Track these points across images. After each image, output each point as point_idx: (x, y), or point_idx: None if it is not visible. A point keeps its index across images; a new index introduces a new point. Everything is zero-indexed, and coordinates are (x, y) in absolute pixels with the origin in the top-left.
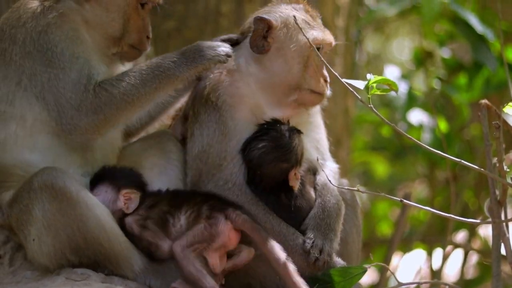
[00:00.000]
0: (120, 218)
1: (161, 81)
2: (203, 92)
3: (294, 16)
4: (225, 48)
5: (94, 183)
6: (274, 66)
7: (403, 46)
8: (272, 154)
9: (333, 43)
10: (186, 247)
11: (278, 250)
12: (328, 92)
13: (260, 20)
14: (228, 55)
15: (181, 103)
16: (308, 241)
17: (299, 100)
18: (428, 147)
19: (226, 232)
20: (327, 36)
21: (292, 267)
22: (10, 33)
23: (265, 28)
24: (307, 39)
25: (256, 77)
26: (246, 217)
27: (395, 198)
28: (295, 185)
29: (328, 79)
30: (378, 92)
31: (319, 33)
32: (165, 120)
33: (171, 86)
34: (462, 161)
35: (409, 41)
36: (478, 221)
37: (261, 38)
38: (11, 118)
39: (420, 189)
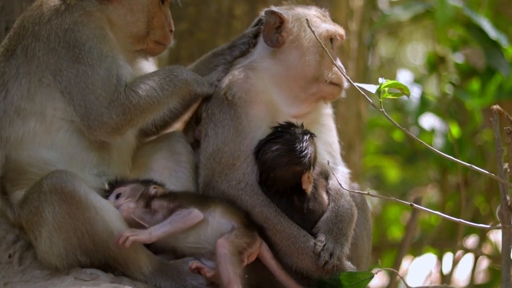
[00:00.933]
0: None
1: (176, 85)
2: (219, 93)
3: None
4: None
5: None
6: (289, 59)
7: (417, 51)
8: (285, 157)
9: (344, 36)
10: (233, 243)
11: (289, 279)
12: (345, 83)
13: (271, 13)
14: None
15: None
16: (319, 244)
17: (318, 93)
18: (440, 152)
19: (257, 245)
20: (338, 29)
21: None
22: (34, 30)
23: (277, 22)
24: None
25: (271, 72)
26: (267, 247)
27: (405, 202)
28: (308, 188)
29: (344, 71)
30: (390, 96)
31: (330, 26)
32: (177, 125)
33: (185, 90)
34: (473, 166)
35: (423, 46)
36: (487, 226)
37: (274, 31)
38: (30, 114)
39: (432, 194)
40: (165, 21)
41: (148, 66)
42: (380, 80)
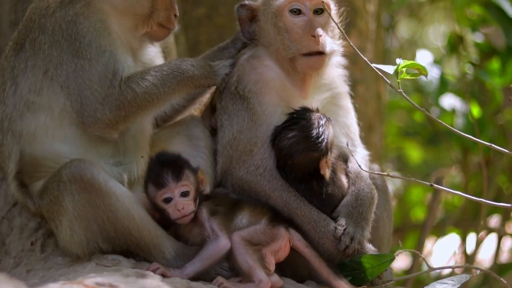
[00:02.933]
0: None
1: (179, 82)
2: (230, 87)
3: None
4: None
5: (172, 169)
6: (267, 39)
7: (438, 32)
8: (302, 144)
9: None
10: (245, 239)
11: (326, 267)
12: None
13: (241, 7)
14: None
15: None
16: (339, 228)
17: (299, 67)
18: (460, 132)
19: (284, 239)
20: None
21: (342, 283)
22: (40, 22)
23: (248, 14)
24: None
25: (266, 54)
26: (300, 236)
27: (425, 182)
28: (326, 173)
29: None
30: (408, 77)
31: None
32: (193, 110)
33: (189, 88)
34: (493, 145)
35: (445, 27)
36: (510, 205)
37: (249, 24)
38: (39, 109)
39: (454, 174)
40: (170, 4)
41: (155, 53)
42: (398, 60)
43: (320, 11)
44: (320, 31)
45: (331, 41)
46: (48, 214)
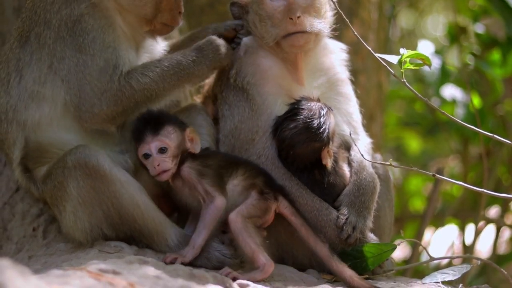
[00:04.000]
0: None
1: (180, 78)
2: (230, 79)
3: None
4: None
5: (152, 126)
6: (254, 29)
7: (437, 22)
8: (304, 134)
9: None
10: (245, 217)
11: (314, 234)
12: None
13: (232, 5)
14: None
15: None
16: (341, 217)
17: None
18: (462, 122)
19: (272, 211)
20: None
21: (327, 250)
22: (45, 17)
23: (240, 11)
24: None
25: (259, 45)
26: (287, 203)
27: (427, 172)
28: (328, 163)
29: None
30: (411, 67)
31: None
32: (196, 98)
33: (189, 83)
34: (495, 135)
35: (443, 17)
36: (510, 196)
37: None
38: (43, 100)
39: (453, 165)
40: (174, 3)
41: (159, 46)
42: (402, 50)
43: None
44: (299, 13)
45: (314, 21)
46: (51, 200)
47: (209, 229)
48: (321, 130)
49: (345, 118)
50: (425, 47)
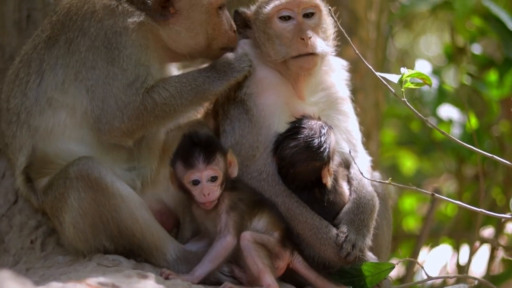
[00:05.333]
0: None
1: (196, 94)
2: (230, 92)
3: None
4: (247, 57)
5: (205, 152)
6: (259, 45)
7: (430, 43)
8: (304, 153)
9: None
10: (257, 242)
11: (329, 282)
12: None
13: (236, 14)
14: (250, 65)
15: None
16: (341, 235)
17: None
18: (462, 142)
19: (285, 262)
20: None
21: None
22: (82, 25)
23: (242, 22)
24: None
25: (261, 58)
26: (301, 259)
27: (426, 192)
28: (328, 181)
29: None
30: (412, 86)
31: None
32: (197, 113)
33: (205, 100)
34: (494, 156)
35: (437, 38)
36: (508, 216)
37: (243, 30)
38: (61, 107)
39: (446, 184)
40: (226, 25)
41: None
42: (402, 70)
43: (310, 14)
44: (310, 33)
45: (322, 42)
46: (51, 211)
47: (214, 265)
48: (321, 149)
49: (345, 136)
50: (423, 67)
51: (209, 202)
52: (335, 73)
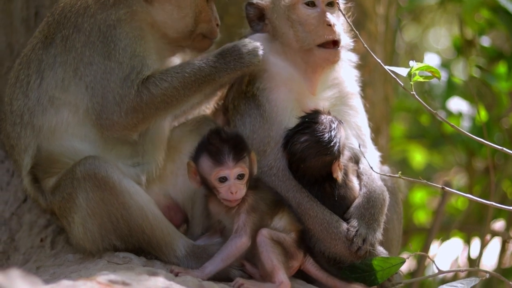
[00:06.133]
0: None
1: (201, 84)
2: (242, 86)
3: None
4: (259, 50)
5: (234, 150)
6: (280, 34)
7: (439, 35)
8: (314, 148)
9: None
10: (273, 239)
11: (341, 281)
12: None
13: (249, 5)
14: (260, 59)
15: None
16: (352, 229)
17: (312, 58)
18: (471, 135)
19: (298, 263)
20: None
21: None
22: (76, 21)
23: (256, 13)
24: None
25: (275, 49)
26: (313, 260)
27: (436, 185)
28: (339, 176)
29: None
30: (421, 79)
31: None
32: (206, 109)
33: (209, 89)
34: (504, 148)
35: (446, 31)
36: None
37: (256, 22)
38: (64, 105)
39: (456, 177)
40: (212, 15)
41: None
42: (411, 63)
43: (331, 4)
44: (335, 20)
45: (344, 33)
46: (60, 211)
47: (225, 263)
48: (332, 144)
49: (354, 131)
50: (432, 60)
51: (234, 200)
52: (346, 68)
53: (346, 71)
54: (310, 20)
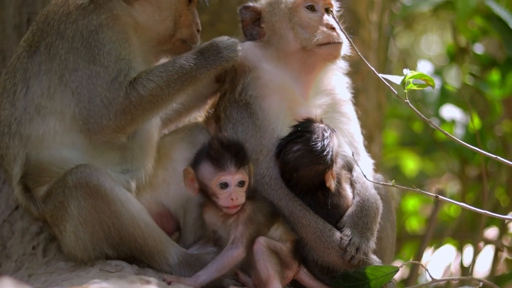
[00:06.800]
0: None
1: (183, 82)
2: (235, 94)
3: None
4: (238, 46)
5: (237, 156)
6: (278, 36)
7: (431, 42)
8: (307, 157)
9: None
10: (270, 248)
11: None
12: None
13: (244, 8)
14: (239, 54)
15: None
16: (345, 238)
17: (310, 58)
18: (464, 142)
19: (292, 273)
20: None
21: None
22: (59, 28)
23: (252, 16)
24: None
25: (269, 56)
26: (306, 270)
27: (430, 193)
28: (332, 185)
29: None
30: (415, 87)
31: None
32: (197, 116)
33: (192, 87)
34: (498, 157)
35: (438, 37)
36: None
37: (251, 27)
38: (50, 113)
39: (449, 185)
40: (193, 20)
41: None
42: (405, 71)
43: (327, 11)
44: (335, 23)
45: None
46: (52, 220)
47: (220, 273)
48: (324, 153)
49: (347, 139)
50: (425, 67)
51: (234, 207)
52: (338, 75)
53: (337, 78)
54: (312, 23)
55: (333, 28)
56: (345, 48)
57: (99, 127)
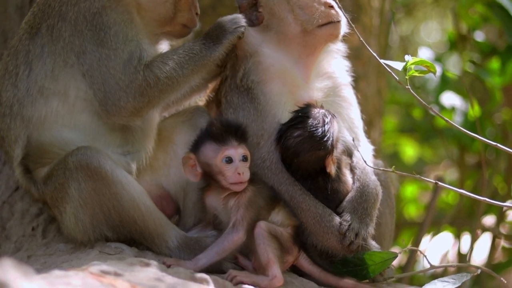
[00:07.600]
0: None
1: (196, 63)
2: (236, 80)
3: None
4: (241, 18)
5: (236, 131)
6: (277, 19)
7: (431, 29)
8: (307, 143)
9: None
10: (271, 232)
11: (333, 276)
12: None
13: None
14: (243, 25)
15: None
16: (344, 223)
17: (311, 40)
18: (464, 130)
19: (293, 258)
20: None
21: (352, 281)
22: (60, 10)
23: (249, 1)
24: None
25: (269, 40)
26: (306, 255)
27: (430, 180)
28: (332, 170)
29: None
30: (416, 74)
31: None
32: (198, 100)
33: (205, 67)
34: (498, 144)
35: (437, 24)
36: (510, 204)
37: (249, 12)
38: (53, 94)
39: (446, 172)
40: (192, 4)
41: (166, 46)
42: (406, 57)
43: None
44: (333, 1)
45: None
46: (52, 201)
47: (220, 257)
48: (325, 138)
49: (347, 124)
50: (425, 54)
51: (241, 183)
52: (338, 59)
53: (337, 61)
54: (310, 4)
55: (331, 6)
56: (344, 27)
57: (117, 109)
